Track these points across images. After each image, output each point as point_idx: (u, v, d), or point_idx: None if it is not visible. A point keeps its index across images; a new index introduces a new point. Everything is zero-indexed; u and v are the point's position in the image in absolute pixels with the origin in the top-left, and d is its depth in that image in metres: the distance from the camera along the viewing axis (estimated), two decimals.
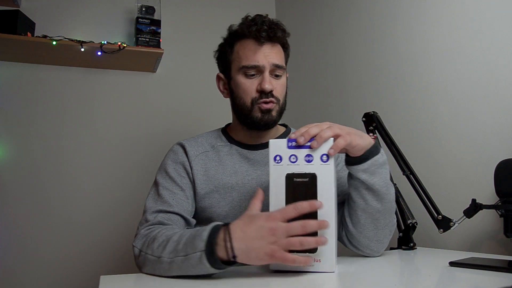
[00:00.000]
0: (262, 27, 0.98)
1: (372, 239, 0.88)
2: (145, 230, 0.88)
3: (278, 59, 1.00)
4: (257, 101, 0.99)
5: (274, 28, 0.99)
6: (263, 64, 0.98)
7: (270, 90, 0.98)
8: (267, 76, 0.98)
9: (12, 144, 1.70)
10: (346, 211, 0.91)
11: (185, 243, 0.74)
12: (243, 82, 1.00)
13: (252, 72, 0.99)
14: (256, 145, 1.06)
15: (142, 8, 1.77)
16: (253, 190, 1.00)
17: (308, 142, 0.75)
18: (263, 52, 0.98)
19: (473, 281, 0.67)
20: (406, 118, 1.30)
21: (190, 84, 1.99)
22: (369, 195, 0.84)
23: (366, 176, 0.82)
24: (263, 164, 1.04)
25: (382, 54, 1.43)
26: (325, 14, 1.78)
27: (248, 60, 0.98)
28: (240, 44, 1.01)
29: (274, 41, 1.00)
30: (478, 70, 1.07)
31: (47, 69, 1.78)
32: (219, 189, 1.00)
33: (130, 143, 1.87)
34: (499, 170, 0.89)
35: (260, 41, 0.98)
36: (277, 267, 0.75)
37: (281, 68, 1.01)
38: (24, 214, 1.68)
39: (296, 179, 0.75)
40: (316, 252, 0.72)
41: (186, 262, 0.72)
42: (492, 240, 1.01)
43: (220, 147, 1.07)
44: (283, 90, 1.03)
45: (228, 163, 1.03)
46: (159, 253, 0.77)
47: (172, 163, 1.03)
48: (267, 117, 1.00)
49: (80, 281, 1.70)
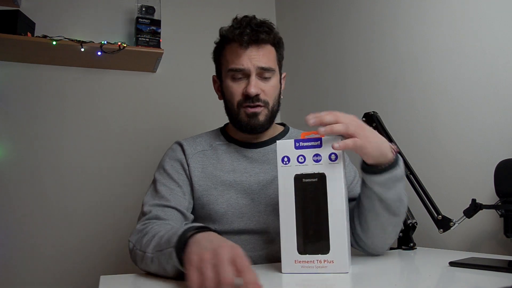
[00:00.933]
0: (244, 31, 0.96)
1: (379, 242, 0.89)
2: (141, 225, 0.89)
3: (265, 62, 0.98)
4: (242, 104, 0.98)
5: (258, 30, 0.97)
6: (248, 67, 0.96)
7: (255, 94, 0.96)
8: (253, 80, 0.97)
9: (12, 144, 1.70)
10: (355, 215, 0.90)
11: (166, 239, 0.72)
12: (230, 85, 1.00)
13: (238, 76, 0.98)
14: (255, 143, 1.06)
15: (142, 8, 1.77)
16: (251, 188, 1.01)
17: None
18: (248, 55, 0.97)
19: (473, 281, 0.67)
20: (406, 118, 1.30)
21: (190, 84, 1.99)
22: (381, 208, 0.83)
23: (381, 190, 0.80)
24: (261, 162, 1.04)
25: (382, 54, 1.43)
26: (325, 14, 1.78)
27: (234, 63, 0.98)
28: (228, 47, 1.01)
29: (259, 43, 0.98)
30: (478, 70, 1.07)
31: (47, 69, 1.78)
32: (217, 186, 1.00)
33: (130, 143, 1.87)
34: (499, 170, 0.89)
35: (242, 44, 0.96)
36: (289, 270, 0.74)
37: (269, 71, 0.99)
38: (24, 214, 1.68)
39: (305, 179, 0.74)
40: (328, 253, 0.72)
41: (161, 257, 0.71)
42: (492, 240, 1.01)
43: (218, 145, 1.07)
44: (273, 92, 1.01)
45: (226, 161, 1.04)
46: (145, 248, 0.78)
47: (170, 160, 1.04)
48: (253, 121, 0.99)
49: (80, 281, 1.69)
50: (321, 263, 0.72)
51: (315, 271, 0.72)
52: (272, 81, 1.01)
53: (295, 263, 0.73)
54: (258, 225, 0.99)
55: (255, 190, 1.01)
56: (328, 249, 0.72)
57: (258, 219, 0.99)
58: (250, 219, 0.99)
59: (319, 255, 0.72)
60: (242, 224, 0.99)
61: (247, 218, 0.99)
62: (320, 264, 0.72)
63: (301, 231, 0.74)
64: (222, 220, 0.99)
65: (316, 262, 0.72)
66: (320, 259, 0.72)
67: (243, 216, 0.99)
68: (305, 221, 0.74)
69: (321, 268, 0.72)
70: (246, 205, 0.99)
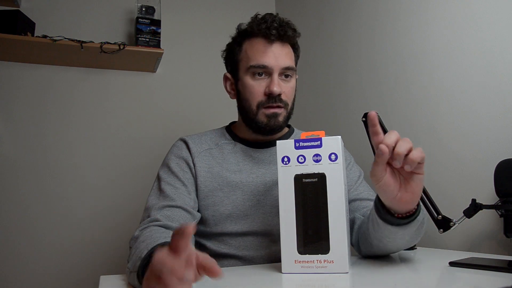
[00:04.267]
0: (272, 25, 0.94)
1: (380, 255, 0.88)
2: (138, 231, 0.84)
3: (288, 61, 0.96)
4: (264, 105, 0.95)
5: (285, 26, 0.95)
6: (272, 65, 0.93)
7: (278, 94, 0.94)
8: (276, 78, 0.94)
9: (12, 144, 1.70)
10: (356, 235, 0.88)
11: (135, 259, 0.69)
12: (250, 83, 0.96)
13: (260, 73, 0.95)
14: (261, 143, 1.04)
15: (142, 8, 1.76)
16: (257, 189, 0.99)
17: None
18: (273, 52, 0.94)
19: (473, 281, 0.67)
20: (406, 118, 1.30)
21: (191, 84, 1.99)
22: (389, 242, 0.78)
23: (395, 230, 0.73)
24: (267, 162, 1.02)
25: (383, 54, 1.42)
26: (326, 14, 1.78)
27: (256, 60, 0.94)
28: (249, 42, 0.98)
29: (284, 41, 0.96)
30: (479, 70, 1.07)
31: (47, 69, 1.78)
32: (223, 187, 0.98)
33: (130, 143, 1.87)
34: (499, 170, 0.89)
35: (270, 39, 0.94)
36: (289, 270, 0.74)
37: (291, 70, 0.96)
38: (24, 214, 1.68)
39: (305, 179, 0.74)
40: (328, 253, 0.72)
41: (131, 276, 0.70)
42: (492, 240, 1.01)
43: (224, 144, 1.05)
44: (292, 93, 0.99)
45: (232, 161, 1.02)
46: (128, 260, 0.75)
47: (175, 158, 1.01)
48: (273, 122, 0.96)
49: (80, 281, 1.69)
50: (321, 263, 0.72)
51: (315, 271, 0.72)
52: (292, 81, 0.99)
53: (295, 263, 0.73)
54: (262, 226, 0.98)
55: (261, 191, 0.99)
56: (328, 249, 0.72)
57: (262, 220, 0.98)
58: (254, 221, 0.98)
59: (319, 255, 0.72)
60: (246, 225, 0.97)
61: (251, 220, 0.98)
62: (320, 264, 0.72)
63: (301, 231, 0.74)
64: (226, 221, 0.97)
65: (316, 262, 0.72)
66: (320, 259, 0.72)
67: (247, 217, 0.97)
68: (305, 221, 0.74)
69: (321, 268, 0.72)
70: (252, 207, 0.98)
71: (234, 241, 0.98)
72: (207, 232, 1.00)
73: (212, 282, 0.72)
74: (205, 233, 1.00)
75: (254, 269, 0.82)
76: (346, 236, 0.73)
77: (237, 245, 0.98)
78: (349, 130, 1.53)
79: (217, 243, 0.99)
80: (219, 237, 0.99)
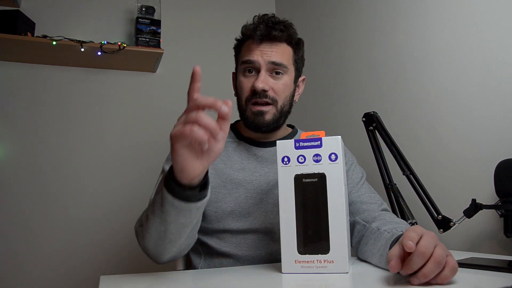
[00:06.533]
0: (258, 26, 0.97)
1: None
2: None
3: (277, 57, 0.97)
4: (250, 100, 0.98)
5: (271, 27, 0.97)
6: (257, 60, 0.96)
7: (261, 89, 0.95)
8: (263, 75, 0.96)
9: (12, 144, 1.70)
10: (356, 241, 0.90)
11: (155, 195, 0.74)
12: (241, 80, 1.00)
13: (250, 70, 0.98)
14: (264, 142, 1.05)
15: (142, 8, 1.77)
16: (260, 188, 1.00)
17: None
18: (260, 49, 0.97)
19: (473, 281, 0.67)
20: (406, 118, 1.30)
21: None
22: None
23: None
24: (271, 161, 1.03)
25: (382, 54, 1.42)
26: (325, 14, 1.78)
27: (245, 56, 0.99)
28: (244, 43, 1.03)
29: (273, 40, 0.98)
30: (479, 70, 1.07)
31: (47, 69, 1.78)
32: (226, 184, 0.99)
33: (131, 143, 1.87)
34: (499, 170, 0.89)
35: (255, 39, 0.97)
36: (289, 270, 0.74)
37: (281, 66, 0.97)
38: (24, 214, 1.68)
39: (305, 179, 0.74)
40: (328, 253, 0.72)
41: (156, 207, 0.71)
42: (492, 240, 1.01)
43: (228, 143, 1.06)
44: (283, 91, 0.99)
45: (236, 159, 1.03)
46: (142, 218, 0.79)
47: None
48: (258, 119, 0.97)
49: (80, 281, 1.70)
50: (321, 263, 0.72)
51: (315, 271, 0.72)
52: (284, 79, 0.99)
53: (295, 263, 0.73)
54: (264, 224, 0.98)
55: (264, 190, 1.00)
56: (328, 249, 0.72)
57: (264, 218, 0.98)
58: (256, 219, 0.98)
59: (319, 255, 0.72)
60: (247, 223, 0.98)
61: (253, 218, 0.98)
62: (320, 264, 0.72)
63: (301, 231, 0.74)
64: (227, 218, 0.98)
65: (316, 262, 0.72)
66: (320, 259, 0.72)
67: (249, 215, 0.98)
68: (305, 221, 0.74)
69: (321, 268, 0.72)
70: (254, 205, 0.99)
71: (235, 239, 0.98)
72: (208, 229, 1.00)
73: (212, 282, 0.72)
74: (206, 230, 1.00)
75: (254, 269, 0.82)
76: (346, 236, 0.72)
77: (238, 243, 0.98)
78: (349, 130, 1.53)
79: (218, 240, 0.99)
80: (220, 234, 0.99)
